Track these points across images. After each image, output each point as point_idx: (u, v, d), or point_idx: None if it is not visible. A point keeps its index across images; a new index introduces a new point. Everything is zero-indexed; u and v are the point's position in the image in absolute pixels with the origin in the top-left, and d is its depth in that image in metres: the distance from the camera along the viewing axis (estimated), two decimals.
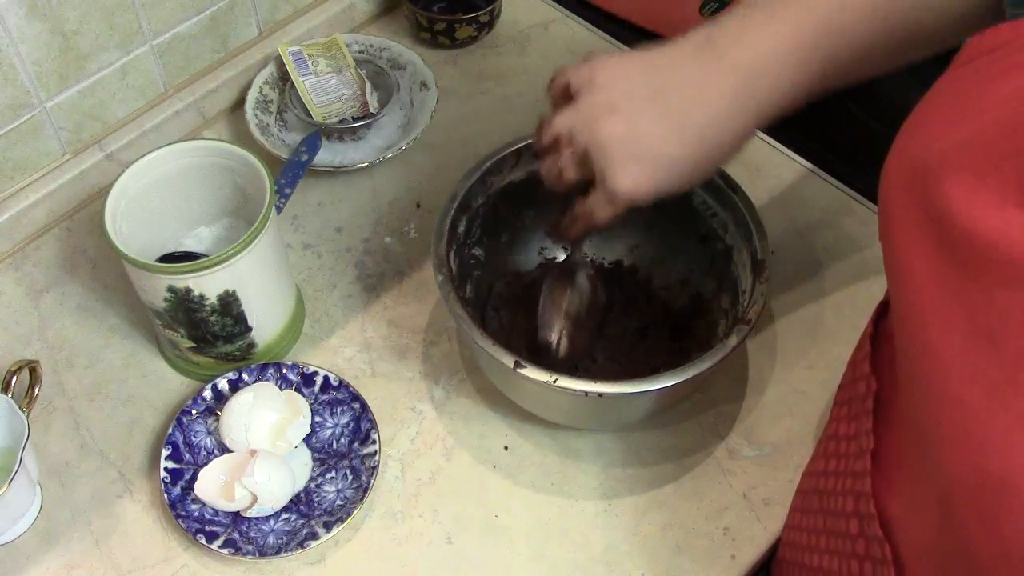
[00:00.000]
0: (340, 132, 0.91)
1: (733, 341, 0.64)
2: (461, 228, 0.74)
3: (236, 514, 0.69)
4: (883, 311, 0.48)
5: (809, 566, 0.52)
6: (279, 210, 0.85)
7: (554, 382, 0.63)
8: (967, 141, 0.36)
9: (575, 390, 0.63)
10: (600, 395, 0.63)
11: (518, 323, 0.78)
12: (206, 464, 0.70)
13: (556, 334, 0.75)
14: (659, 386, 0.63)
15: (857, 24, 0.54)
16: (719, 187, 0.73)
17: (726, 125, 0.57)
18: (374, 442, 0.71)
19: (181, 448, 0.71)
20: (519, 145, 0.75)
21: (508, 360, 0.64)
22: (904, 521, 0.41)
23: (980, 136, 0.36)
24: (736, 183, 0.72)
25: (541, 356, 0.75)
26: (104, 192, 0.70)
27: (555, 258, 0.82)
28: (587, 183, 0.62)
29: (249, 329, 0.74)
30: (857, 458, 0.46)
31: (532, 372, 0.63)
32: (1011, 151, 0.34)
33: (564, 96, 0.62)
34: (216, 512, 0.69)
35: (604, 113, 0.58)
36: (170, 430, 0.71)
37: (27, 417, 0.67)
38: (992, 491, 0.32)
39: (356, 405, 0.74)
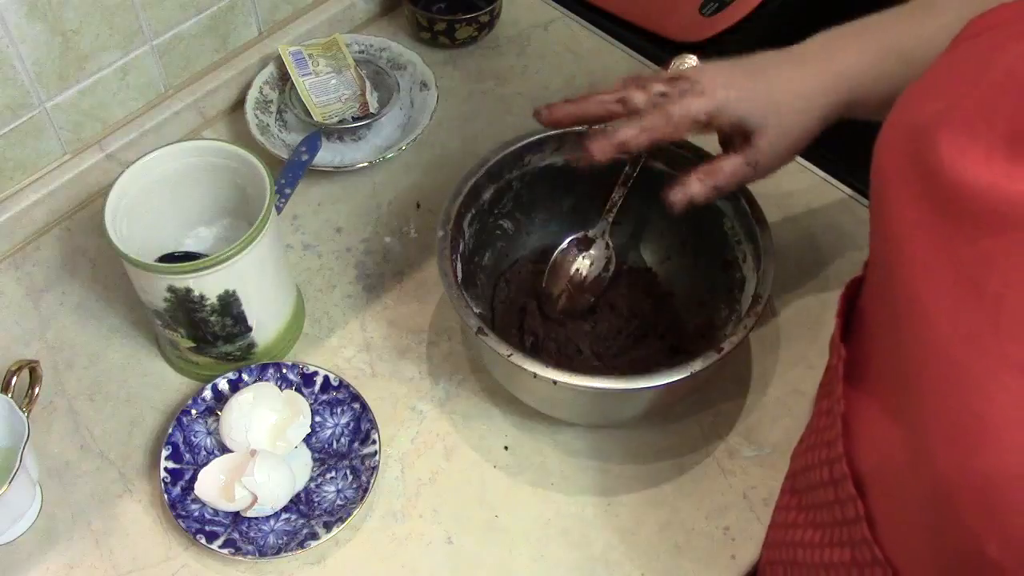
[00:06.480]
0: (340, 132, 0.91)
1: (698, 365, 0.63)
2: (487, 195, 0.75)
3: (236, 514, 0.69)
4: (856, 290, 0.49)
5: (790, 542, 0.52)
6: (279, 210, 0.85)
7: (508, 356, 0.64)
8: (960, 101, 0.37)
9: (525, 368, 0.63)
10: (555, 382, 0.63)
11: (522, 299, 0.79)
12: (206, 464, 0.70)
13: (559, 288, 0.77)
14: (607, 387, 0.63)
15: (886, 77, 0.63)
16: (746, 215, 0.72)
17: (813, 114, 0.64)
18: (374, 442, 0.71)
19: (181, 448, 0.71)
20: (562, 131, 0.75)
21: (473, 323, 0.65)
22: (880, 475, 0.42)
23: (974, 96, 0.37)
24: (763, 215, 0.71)
25: (541, 303, 0.78)
26: (104, 192, 0.70)
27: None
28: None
29: (249, 329, 0.74)
30: (830, 428, 0.46)
31: (491, 341, 0.64)
32: (1004, 107, 0.35)
33: (637, 87, 0.66)
34: (216, 512, 0.69)
35: (721, 86, 0.64)
36: (170, 430, 0.72)
37: (27, 417, 0.67)
38: (970, 430, 0.34)
39: (356, 405, 0.74)
